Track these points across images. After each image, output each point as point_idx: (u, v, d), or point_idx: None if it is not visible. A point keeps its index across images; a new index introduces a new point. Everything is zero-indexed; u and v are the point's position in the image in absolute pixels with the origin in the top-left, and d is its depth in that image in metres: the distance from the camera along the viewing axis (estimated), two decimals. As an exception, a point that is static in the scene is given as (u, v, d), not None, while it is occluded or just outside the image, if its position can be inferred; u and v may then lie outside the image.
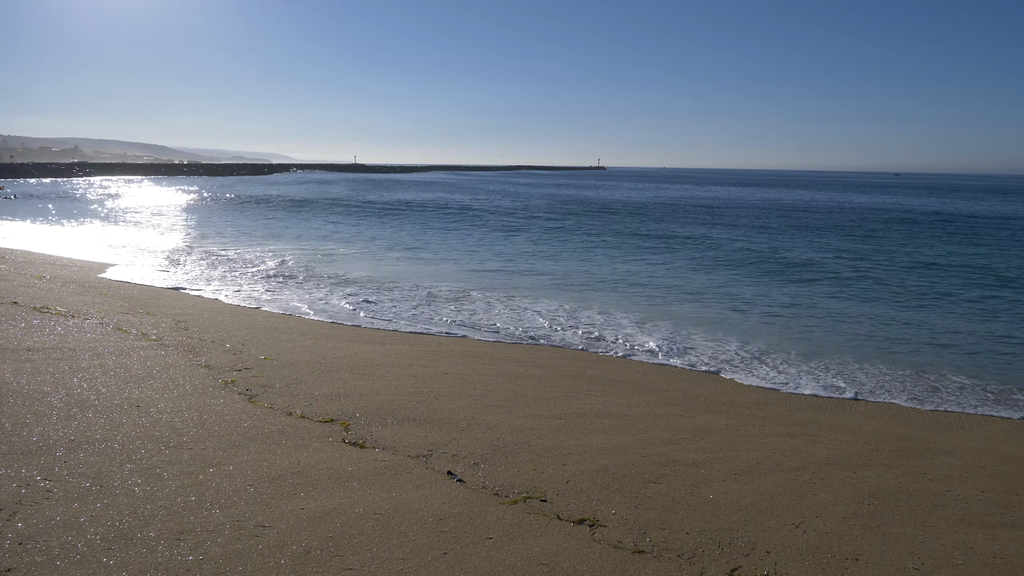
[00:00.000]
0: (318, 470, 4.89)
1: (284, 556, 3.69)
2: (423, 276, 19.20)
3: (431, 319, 13.09)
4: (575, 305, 15.35)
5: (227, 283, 16.22)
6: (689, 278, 20.10)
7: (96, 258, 19.85)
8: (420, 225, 36.26)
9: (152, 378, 6.81)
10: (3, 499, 4.02)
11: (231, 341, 8.97)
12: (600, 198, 68.47)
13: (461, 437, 5.89)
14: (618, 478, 5.22)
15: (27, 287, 12.19)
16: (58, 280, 13.76)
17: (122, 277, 15.73)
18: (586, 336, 12.23)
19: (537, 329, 12.64)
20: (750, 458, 5.98)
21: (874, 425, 7.71)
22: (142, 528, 3.85)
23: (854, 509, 4.98)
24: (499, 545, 4.04)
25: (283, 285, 16.41)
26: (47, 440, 4.95)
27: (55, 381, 6.38)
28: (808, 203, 66.15)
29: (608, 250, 26.80)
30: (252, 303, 13.53)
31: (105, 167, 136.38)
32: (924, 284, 19.74)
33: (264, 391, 6.76)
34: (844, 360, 11.18)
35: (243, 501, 4.30)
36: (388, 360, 8.85)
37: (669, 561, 4.02)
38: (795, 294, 17.73)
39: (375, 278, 18.33)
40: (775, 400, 8.68)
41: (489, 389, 7.69)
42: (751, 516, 4.72)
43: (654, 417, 7.17)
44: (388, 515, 4.29)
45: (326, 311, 13.24)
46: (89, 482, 4.36)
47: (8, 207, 41.92)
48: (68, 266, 16.85)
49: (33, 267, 15.72)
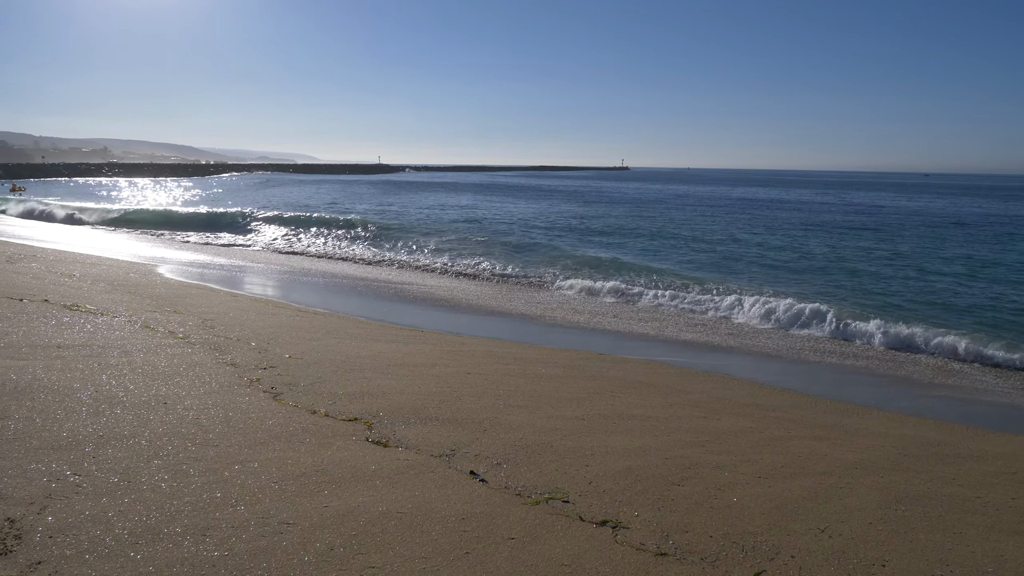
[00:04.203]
0: (341, 468, 4.92)
1: (308, 553, 3.72)
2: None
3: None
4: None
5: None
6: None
7: (130, 258, 20.13)
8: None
9: (179, 375, 6.89)
10: (34, 493, 4.09)
11: (256, 339, 9.05)
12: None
13: (484, 437, 5.90)
14: (641, 480, 5.20)
15: (58, 285, 12.39)
16: (88, 278, 13.96)
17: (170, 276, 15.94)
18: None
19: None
20: (775, 461, 5.93)
21: (902, 429, 7.61)
22: (168, 523, 3.90)
23: (881, 514, 4.91)
24: (521, 545, 4.04)
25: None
26: (76, 435, 5.03)
27: (84, 378, 6.48)
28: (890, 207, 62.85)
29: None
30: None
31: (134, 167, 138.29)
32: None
33: (288, 389, 6.81)
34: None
35: (267, 498, 4.34)
36: (411, 359, 8.88)
37: (692, 564, 4.00)
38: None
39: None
40: (800, 403, 8.60)
41: (512, 389, 7.69)
42: (775, 520, 4.68)
43: (677, 419, 7.13)
44: (411, 514, 4.31)
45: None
46: (117, 477, 4.42)
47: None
48: (97, 264, 17.09)
49: (64, 265, 15.96)
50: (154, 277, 15.84)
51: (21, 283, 12.00)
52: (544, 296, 17.71)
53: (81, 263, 17.01)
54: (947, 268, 23.14)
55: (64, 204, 39.97)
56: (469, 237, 28.19)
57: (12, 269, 14.25)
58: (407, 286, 18.21)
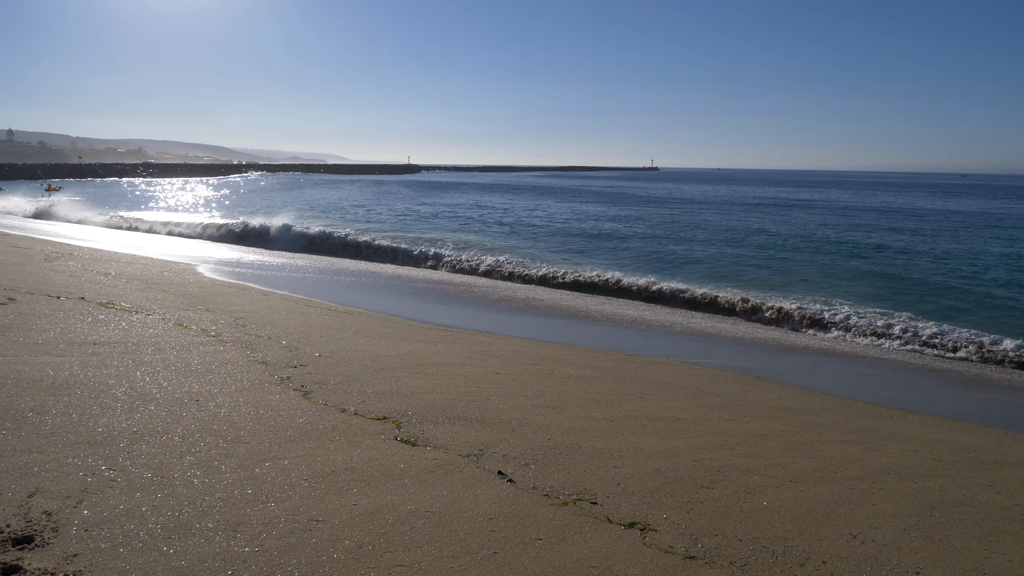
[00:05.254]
0: (370, 467, 4.95)
1: (337, 550, 3.75)
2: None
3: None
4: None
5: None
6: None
7: (164, 256, 20.45)
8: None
9: (211, 373, 6.98)
10: (70, 487, 4.16)
11: (287, 338, 9.13)
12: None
13: (512, 437, 5.90)
14: (670, 482, 5.16)
15: (93, 283, 12.61)
16: (123, 276, 14.20)
17: (200, 276, 16.17)
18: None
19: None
20: (806, 465, 5.85)
21: (937, 434, 7.47)
22: (200, 519, 3.94)
23: (915, 521, 4.83)
24: (549, 546, 4.03)
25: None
26: (111, 431, 5.11)
27: (119, 374, 6.59)
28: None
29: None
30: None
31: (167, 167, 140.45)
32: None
33: (318, 388, 6.86)
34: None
35: (297, 495, 4.38)
36: (440, 359, 8.90)
37: (721, 568, 3.96)
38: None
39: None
40: (832, 406, 8.48)
41: (540, 390, 7.68)
42: (806, 525, 4.62)
43: (706, 421, 7.07)
44: (439, 513, 4.32)
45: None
46: (151, 473, 4.49)
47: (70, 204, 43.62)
48: (132, 263, 17.37)
49: (99, 264, 16.25)
50: (187, 275, 16.06)
51: (58, 281, 12.23)
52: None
53: (116, 261, 17.30)
54: (994, 264, 22.85)
55: (146, 219, 35.86)
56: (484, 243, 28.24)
57: (50, 267, 14.53)
58: (442, 285, 18.28)
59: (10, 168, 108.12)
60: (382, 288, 17.81)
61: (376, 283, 18.68)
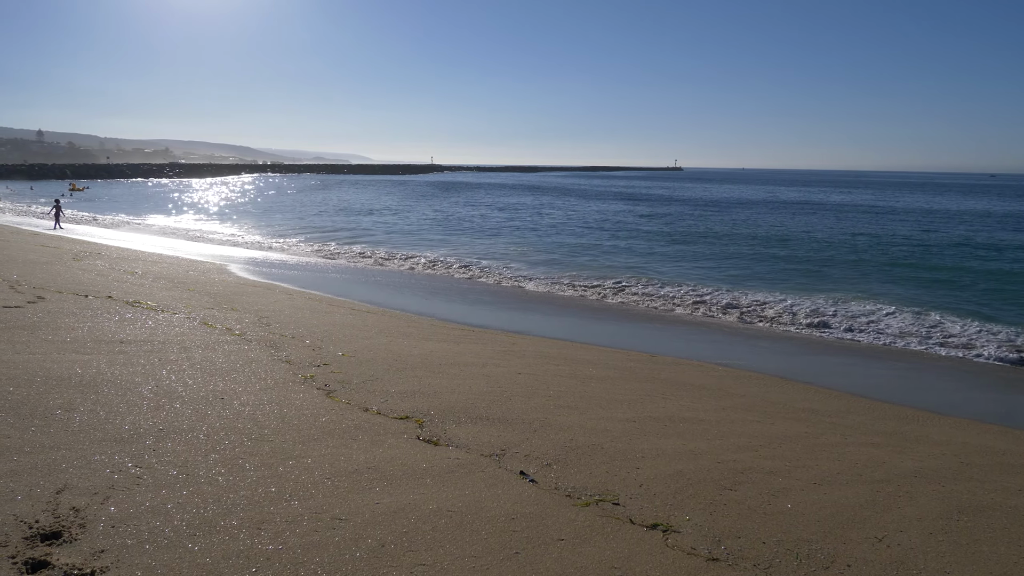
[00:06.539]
0: (393, 466, 4.97)
1: (359, 549, 3.76)
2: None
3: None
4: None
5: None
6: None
7: (189, 256, 20.67)
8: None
9: (235, 372, 7.05)
10: (97, 484, 4.22)
11: (310, 337, 9.20)
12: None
13: (534, 437, 5.89)
14: (692, 484, 5.13)
15: (121, 282, 12.78)
16: (149, 275, 14.38)
17: (220, 275, 16.33)
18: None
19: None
20: (830, 468, 5.79)
21: (964, 437, 7.36)
22: (225, 516, 3.98)
23: (942, 525, 4.76)
24: (570, 547, 4.02)
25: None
26: (138, 429, 5.18)
27: (146, 372, 6.67)
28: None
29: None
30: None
31: (194, 168, 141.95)
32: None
33: (342, 387, 6.90)
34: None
35: (320, 494, 4.41)
36: (462, 359, 8.92)
37: (745, 571, 3.93)
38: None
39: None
40: (857, 408, 8.38)
41: (562, 390, 7.66)
42: (831, 528, 4.57)
43: (730, 423, 7.02)
44: (461, 513, 4.33)
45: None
46: (176, 470, 4.54)
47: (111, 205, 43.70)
48: (158, 262, 17.59)
49: (126, 263, 16.47)
50: (212, 275, 16.22)
51: (86, 280, 12.42)
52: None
53: (143, 261, 17.52)
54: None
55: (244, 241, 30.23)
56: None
57: (78, 266, 14.76)
58: (457, 284, 18.31)
59: (40, 168, 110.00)
60: (414, 288, 17.88)
61: (398, 282, 18.76)
